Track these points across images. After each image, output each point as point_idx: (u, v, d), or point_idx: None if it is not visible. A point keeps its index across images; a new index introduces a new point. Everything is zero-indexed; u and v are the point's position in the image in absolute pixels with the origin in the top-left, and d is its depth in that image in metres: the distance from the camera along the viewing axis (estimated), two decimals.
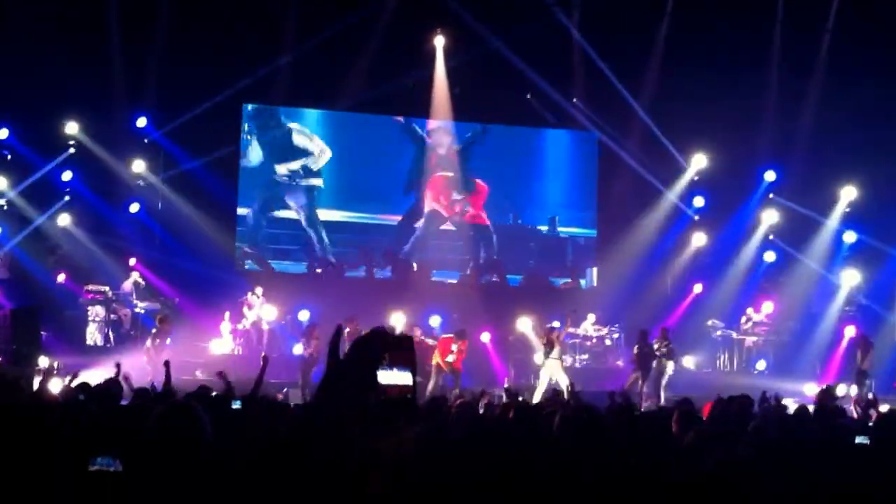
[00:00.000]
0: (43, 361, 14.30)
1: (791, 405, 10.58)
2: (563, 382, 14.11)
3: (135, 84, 17.73)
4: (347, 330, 16.79)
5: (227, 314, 17.58)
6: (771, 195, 19.80)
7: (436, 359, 15.54)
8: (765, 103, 18.83)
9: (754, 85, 18.65)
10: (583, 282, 20.52)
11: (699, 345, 18.85)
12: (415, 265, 20.15)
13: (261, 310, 17.76)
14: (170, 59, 17.44)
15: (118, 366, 9.57)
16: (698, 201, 19.82)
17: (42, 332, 14.96)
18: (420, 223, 20.21)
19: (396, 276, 19.83)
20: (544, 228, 20.55)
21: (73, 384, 9.07)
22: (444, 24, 18.41)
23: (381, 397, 2.34)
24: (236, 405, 7.11)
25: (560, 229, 20.54)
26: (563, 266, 20.66)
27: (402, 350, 2.38)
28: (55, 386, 13.52)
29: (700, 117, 18.53)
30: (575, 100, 19.42)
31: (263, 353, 10.27)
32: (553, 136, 20.54)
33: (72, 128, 17.83)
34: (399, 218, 20.15)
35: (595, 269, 20.35)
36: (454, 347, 15.50)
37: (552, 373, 14.75)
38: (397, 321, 18.39)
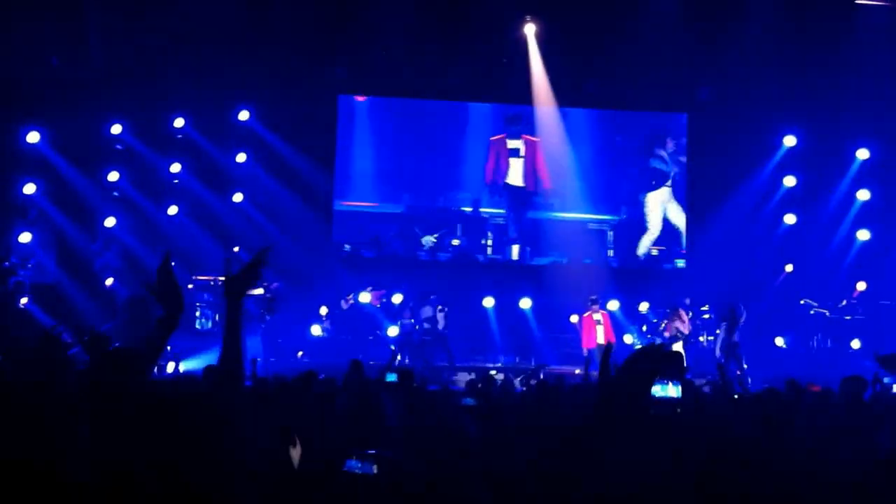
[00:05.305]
0: None
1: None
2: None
3: (236, 78, 18.27)
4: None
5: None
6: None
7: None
8: (856, 81, 18.50)
9: (845, 62, 18.33)
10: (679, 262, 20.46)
11: (791, 324, 18.81)
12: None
13: (358, 294, 18.46)
14: (269, 54, 18.03)
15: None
16: (789, 181, 19.64)
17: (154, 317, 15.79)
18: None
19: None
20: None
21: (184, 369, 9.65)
22: (532, 11, 18.52)
23: (650, 410, 2.47)
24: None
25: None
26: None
27: (673, 364, 2.52)
28: (169, 368, 14.43)
29: (791, 96, 18.43)
30: (660, 81, 19.39)
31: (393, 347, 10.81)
32: (638, 118, 20.44)
33: (178, 122, 18.50)
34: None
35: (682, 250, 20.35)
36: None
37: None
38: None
